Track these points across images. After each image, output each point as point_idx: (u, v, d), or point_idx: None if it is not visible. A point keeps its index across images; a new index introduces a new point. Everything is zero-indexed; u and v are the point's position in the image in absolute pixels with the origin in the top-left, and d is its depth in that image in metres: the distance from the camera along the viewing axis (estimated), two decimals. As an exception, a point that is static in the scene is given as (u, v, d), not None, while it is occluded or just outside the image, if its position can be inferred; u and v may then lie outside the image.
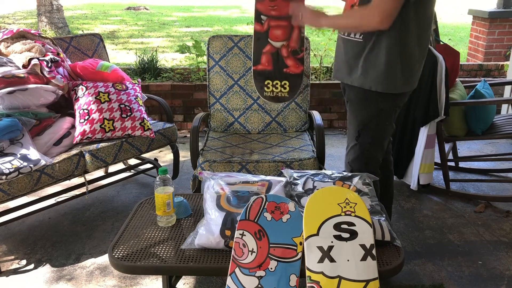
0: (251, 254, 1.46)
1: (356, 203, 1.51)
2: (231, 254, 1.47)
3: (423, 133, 2.75)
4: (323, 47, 4.56)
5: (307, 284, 1.39)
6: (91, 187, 2.72)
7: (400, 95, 1.88)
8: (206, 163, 2.34)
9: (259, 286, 1.42)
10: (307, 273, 1.40)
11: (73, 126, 2.61)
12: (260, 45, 1.95)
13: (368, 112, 1.91)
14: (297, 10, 1.92)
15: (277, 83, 1.97)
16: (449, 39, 8.15)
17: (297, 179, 1.75)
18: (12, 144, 2.33)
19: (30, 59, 2.50)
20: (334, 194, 1.54)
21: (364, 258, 1.42)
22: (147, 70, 4.43)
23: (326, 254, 1.42)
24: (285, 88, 1.97)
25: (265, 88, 1.97)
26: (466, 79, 4.36)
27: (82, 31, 8.68)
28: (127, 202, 2.89)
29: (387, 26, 1.71)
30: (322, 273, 1.40)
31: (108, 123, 2.56)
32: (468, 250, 2.34)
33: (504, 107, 3.96)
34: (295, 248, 1.47)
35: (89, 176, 2.65)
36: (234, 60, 2.86)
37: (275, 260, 1.45)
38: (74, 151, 2.46)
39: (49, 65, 2.54)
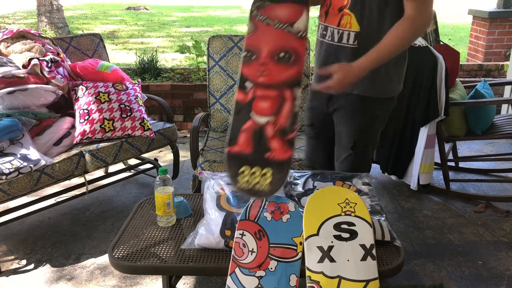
0: (251, 254, 1.46)
1: (356, 203, 1.51)
2: (231, 254, 1.48)
3: (423, 133, 2.75)
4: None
5: (307, 284, 1.39)
6: (91, 187, 2.72)
7: (393, 99, 1.86)
8: (206, 163, 2.33)
9: (259, 286, 1.42)
10: (307, 273, 1.40)
11: (73, 126, 2.61)
12: (240, 120, 1.53)
13: (365, 120, 1.85)
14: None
15: (255, 172, 1.49)
16: (449, 39, 8.15)
17: (297, 179, 1.75)
18: (12, 144, 2.33)
19: (30, 59, 2.50)
20: (334, 194, 1.54)
21: (364, 258, 1.42)
22: (147, 70, 4.43)
23: (326, 254, 1.42)
24: (265, 179, 1.48)
25: (239, 178, 1.48)
26: (466, 79, 4.36)
27: (82, 31, 8.68)
28: (127, 202, 2.89)
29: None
30: (322, 273, 1.40)
31: (108, 123, 2.56)
32: (468, 250, 2.34)
33: (504, 107, 3.96)
34: (295, 248, 1.47)
35: (89, 176, 2.65)
36: (234, 60, 2.85)
37: (275, 260, 1.45)
38: (74, 151, 2.46)
39: (49, 65, 2.54)
